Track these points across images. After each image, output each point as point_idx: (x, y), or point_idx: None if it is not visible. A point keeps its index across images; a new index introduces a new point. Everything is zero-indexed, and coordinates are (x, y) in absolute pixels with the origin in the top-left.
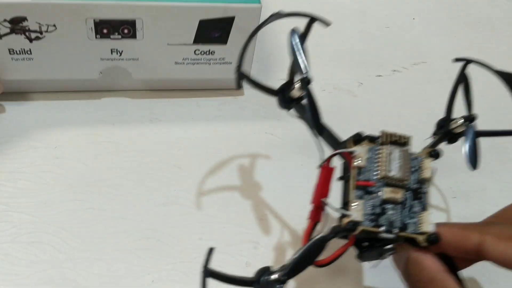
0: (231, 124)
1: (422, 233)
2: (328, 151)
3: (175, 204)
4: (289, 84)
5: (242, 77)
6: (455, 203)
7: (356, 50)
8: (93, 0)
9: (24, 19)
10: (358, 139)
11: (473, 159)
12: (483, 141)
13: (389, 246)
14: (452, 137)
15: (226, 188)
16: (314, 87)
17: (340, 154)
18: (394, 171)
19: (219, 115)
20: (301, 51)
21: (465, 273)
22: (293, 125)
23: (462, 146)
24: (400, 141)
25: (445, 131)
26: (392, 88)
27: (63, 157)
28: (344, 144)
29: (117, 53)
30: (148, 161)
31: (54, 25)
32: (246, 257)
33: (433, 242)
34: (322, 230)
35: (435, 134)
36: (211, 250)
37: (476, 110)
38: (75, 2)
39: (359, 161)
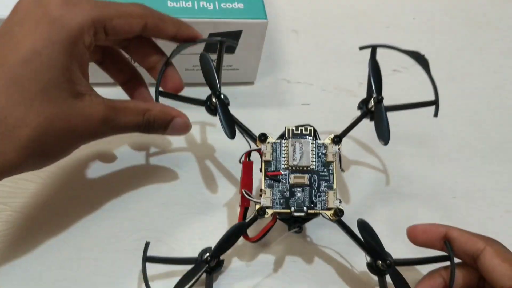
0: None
1: (329, 209)
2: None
3: (175, 204)
4: (210, 97)
5: (163, 94)
6: (455, 203)
7: (356, 50)
8: None
9: None
10: (263, 138)
11: (382, 134)
12: (484, 142)
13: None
14: (371, 115)
15: (226, 188)
16: (314, 87)
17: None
18: (298, 160)
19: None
20: (213, 70)
21: None
22: None
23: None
24: (302, 134)
25: (364, 111)
26: (392, 88)
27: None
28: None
29: (131, 61)
30: (148, 161)
31: None
32: None
33: (339, 216)
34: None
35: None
36: (147, 244)
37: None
38: None
39: (266, 156)
